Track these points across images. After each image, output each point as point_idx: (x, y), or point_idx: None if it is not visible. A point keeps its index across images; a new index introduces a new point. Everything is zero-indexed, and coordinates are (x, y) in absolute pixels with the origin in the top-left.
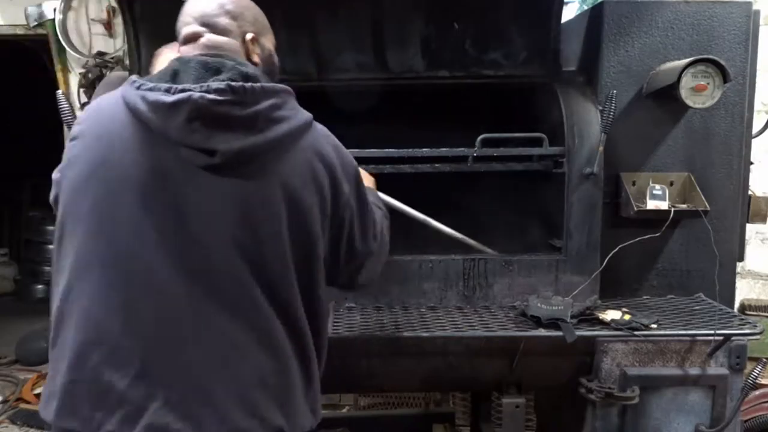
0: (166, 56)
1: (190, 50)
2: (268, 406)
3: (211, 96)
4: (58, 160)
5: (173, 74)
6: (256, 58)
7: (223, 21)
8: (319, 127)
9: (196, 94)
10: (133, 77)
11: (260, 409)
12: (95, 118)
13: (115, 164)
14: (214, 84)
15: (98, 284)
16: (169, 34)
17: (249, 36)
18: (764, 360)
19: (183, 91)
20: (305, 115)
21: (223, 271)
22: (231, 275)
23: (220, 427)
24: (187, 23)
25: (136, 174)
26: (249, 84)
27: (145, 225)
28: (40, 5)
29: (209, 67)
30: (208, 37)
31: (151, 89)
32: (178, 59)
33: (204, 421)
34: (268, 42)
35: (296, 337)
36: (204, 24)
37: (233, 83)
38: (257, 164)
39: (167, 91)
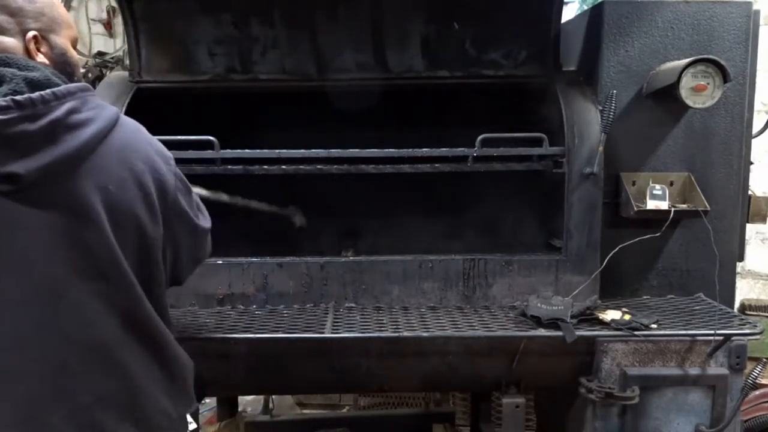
0: None
1: None
2: (110, 421)
3: None
4: None
5: None
6: (42, 58)
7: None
8: (128, 121)
9: None
10: None
11: (103, 426)
12: None
13: None
14: None
15: None
16: (169, 34)
17: (30, 34)
18: (764, 360)
19: None
20: (110, 110)
21: (61, 298)
22: (68, 300)
23: None
24: None
25: None
26: (37, 93)
27: None
28: None
29: None
30: None
31: None
32: None
33: None
34: (62, 38)
35: (146, 339)
36: None
37: (17, 97)
38: (66, 178)
39: None
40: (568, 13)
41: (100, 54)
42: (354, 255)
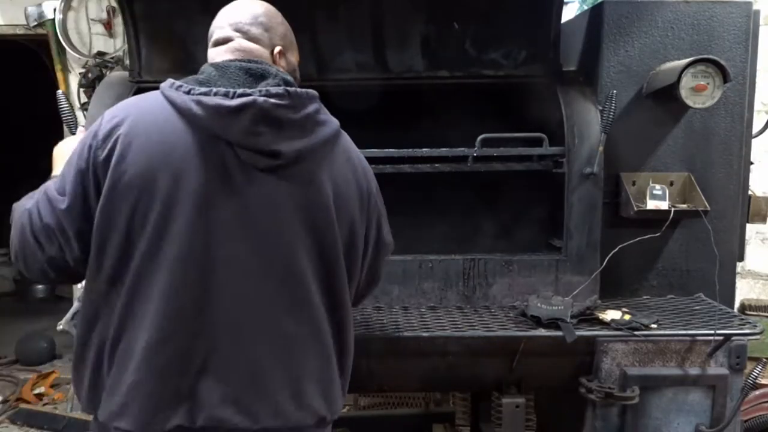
0: None
1: (220, 53)
2: (315, 397)
3: (273, 100)
4: None
5: (212, 78)
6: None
7: (256, 30)
8: (345, 133)
9: (260, 98)
10: (171, 81)
11: (308, 400)
12: (143, 119)
13: (176, 168)
14: (273, 89)
15: (166, 285)
16: (169, 34)
17: (277, 49)
18: (764, 360)
19: (244, 95)
20: (336, 120)
21: (287, 270)
22: (294, 273)
23: (274, 420)
24: (220, 27)
25: (198, 177)
26: (301, 90)
27: (211, 227)
28: (40, 5)
29: (252, 73)
30: (239, 42)
31: (205, 93)
32: (213, 65)
33: (260, 414)
34: (293, 57)
35: (339, 331)
36: (237, 30)
37: (289, 88)
38: (309, 164)
39: (226, 95)
40: (568, 13)
41: (100, 54)
42: None
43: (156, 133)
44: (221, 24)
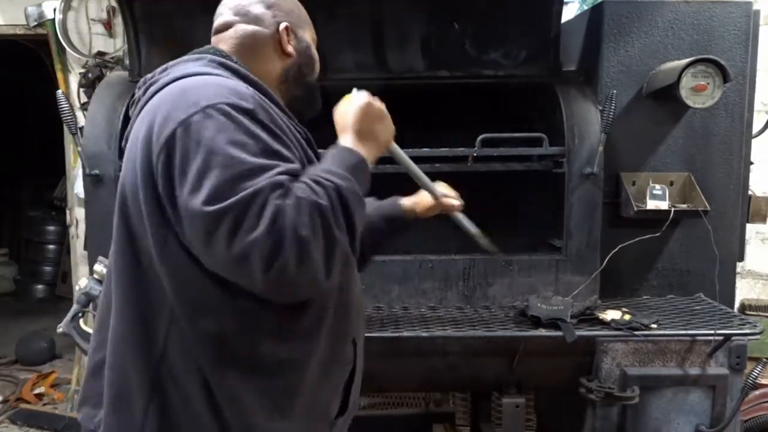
0: None
1: (216, 42)
2: None
3: None
4: (59, 161)
5: None
6: (290, 49)
7: (257, 9)
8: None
9: None
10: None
11: None
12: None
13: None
14: None
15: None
16: (169, 34)
17: (283, 25)
18: (764, 360)
19: None
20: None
21: None
22: None
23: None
24: (221, 13)
25: None
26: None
27: None
28: (40, 5)
29: None
30: (237, 29)
31: None
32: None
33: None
34: (307, 35)
35: None
36: (237, 13)
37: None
38: None
39: None
40: (568, 13)
41: (100, 54)
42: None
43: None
44: (222, 9)
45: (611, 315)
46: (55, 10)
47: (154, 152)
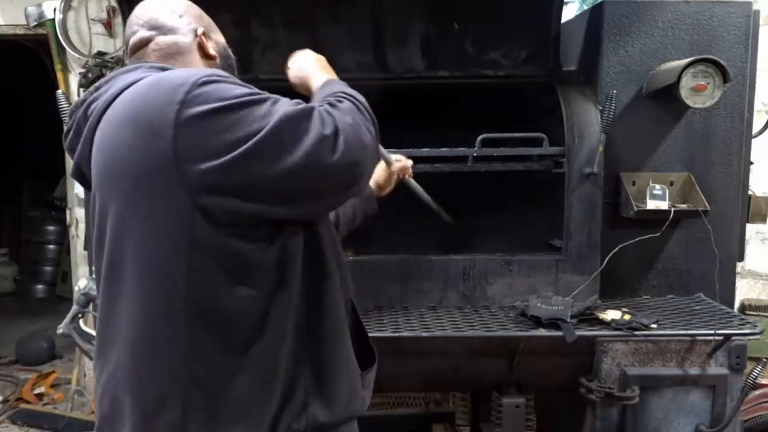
0: None
1: (138, 60)
2: None
3: None
4: (59, 161)
5: None
6: (212, 52)
7: (170, 20)
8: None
9: None
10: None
11: None
12: None
13: None
14: None
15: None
16: None
17: (200, 30)
18: (764, 360)
19: None
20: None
21: None
22: None
23: None
24: (134, 31)
25: None
26: None
27: None
28: (40, 5)
29: None
30: (157, 41)
31: None
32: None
33: None
34: (219, 36)
35: None
36: (151, 27)
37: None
38: None
39: None
40: (568, 13)
41: (100, 54)
42: (354, 255)
43: None
44: (133, 28)
45: (611, 315)
46: (55, 10)
47: (163, 145)
